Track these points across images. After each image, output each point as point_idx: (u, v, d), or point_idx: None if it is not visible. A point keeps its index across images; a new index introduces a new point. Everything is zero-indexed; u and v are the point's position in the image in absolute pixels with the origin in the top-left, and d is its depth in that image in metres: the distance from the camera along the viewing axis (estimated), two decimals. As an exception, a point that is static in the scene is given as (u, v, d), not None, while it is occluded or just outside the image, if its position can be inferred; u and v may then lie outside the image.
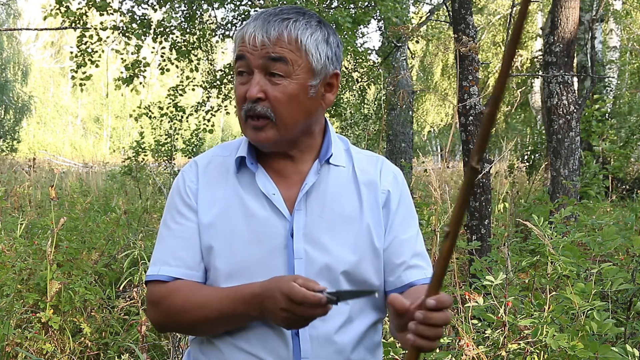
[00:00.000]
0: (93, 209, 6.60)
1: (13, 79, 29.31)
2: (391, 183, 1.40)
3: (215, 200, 1.33)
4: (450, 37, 15.52)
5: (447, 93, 20.54)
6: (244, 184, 1.34)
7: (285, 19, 1.26)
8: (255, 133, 1.29)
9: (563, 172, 5.36)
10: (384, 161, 1.45)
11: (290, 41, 1.25)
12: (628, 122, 11.11)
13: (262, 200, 1.31)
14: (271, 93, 1.26)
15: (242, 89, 1.28)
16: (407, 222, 1.40)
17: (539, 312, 2.53)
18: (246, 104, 1.27)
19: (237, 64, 1.28)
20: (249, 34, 1.26)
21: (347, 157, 1.41)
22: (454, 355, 2.55)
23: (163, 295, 1.30)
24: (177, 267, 1.31)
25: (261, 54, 1.25)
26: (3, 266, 3.60)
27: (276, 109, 1.26)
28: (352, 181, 1.38)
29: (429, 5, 11.13)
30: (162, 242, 1.35)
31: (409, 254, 1.37)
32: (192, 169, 1.39)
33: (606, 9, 11.57)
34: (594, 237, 2.96)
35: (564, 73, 5.31)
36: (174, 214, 1.35)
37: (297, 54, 1.26)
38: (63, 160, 22.29)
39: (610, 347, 2.13)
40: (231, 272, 1.28)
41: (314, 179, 1.34)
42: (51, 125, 40.51)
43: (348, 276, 1.31)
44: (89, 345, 3.48)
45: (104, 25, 7.87)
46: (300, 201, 1.32)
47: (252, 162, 1.34)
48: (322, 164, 1.35)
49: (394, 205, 1.38)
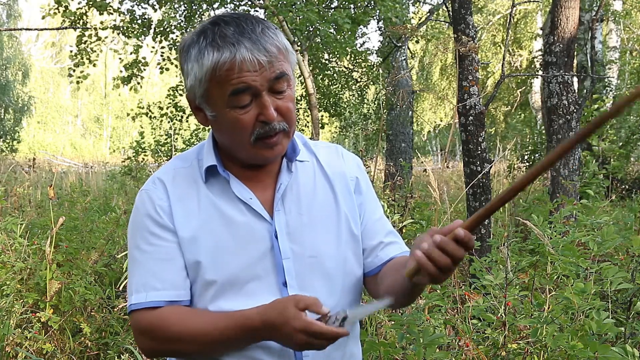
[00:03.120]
0: (92, 208, 6.60)
1: (13, 79, 29.30)
2: (356, 169, 1.44)
3: (191, 214, 1.29)
4: (450, 37, 15.52)
5: (447, 93, 20.53)
6: (217, 192, 1.31)
7: (265, 29, 1.22)
8: (272, 150, 1.26)
9: (563, 172, 5.36)
10: (342, 149, 1.47)
11: (280, 51, 1.23)
12: (628, 122, 11.10)
13: (240, 205, 1.30)
14: (282, 107, 1.24)
15: (247, 117, 1.22)
16: (375, 203, 1.45)
17: (538, 312, 2.53)
18: (257, 128, 1.23)
19: (238, 98, 1.20)
20: (248, 59, 1.18)
21: (308, 151, 1.42)
22: (454, 355, 2.55)
23: (154, 323, 1.25)
24: (164, 290, 1.26)
25: (266, 76, 1.20)
26: (3, 266, 3.60)
27: (288, 119, 1.26)
28: (321, 174, 1.39)
29: (428, 5, 11.13)
30: (140, 267, 1.28)
31: (383, 233, 1.42)
32: (157, 186, 1.32)
33: (606, 9, 11.57)
34: (594, 236, 2.96)
35: (564, 73, 5.31)
36: (147, 236, 1.29)
37: (288, 62, 1.25)
38: (63, 160, 22.28)
39: (610, 347, 2.12)
40: (223, 283, 1.27)
41: (288, 179, 1.34)
42: (51, 125, 40.51)
43: (335, 267, 1.33)
44: (89, 345, 3.48)
45: (104, 25, 7.88)
46: (277, 202, 1.32)
47: (223, 170, 1.31)
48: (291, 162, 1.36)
49: (364, 189, 1.42)
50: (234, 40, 1.19)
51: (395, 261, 1.38)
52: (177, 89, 9.60)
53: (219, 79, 1.20)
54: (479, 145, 4.29)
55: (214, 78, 1.20)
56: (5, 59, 28.75)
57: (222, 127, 1.26)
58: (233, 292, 1.26)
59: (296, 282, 1.28)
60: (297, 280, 1.28)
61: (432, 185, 3.93)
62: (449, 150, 12.20)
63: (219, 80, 1.20)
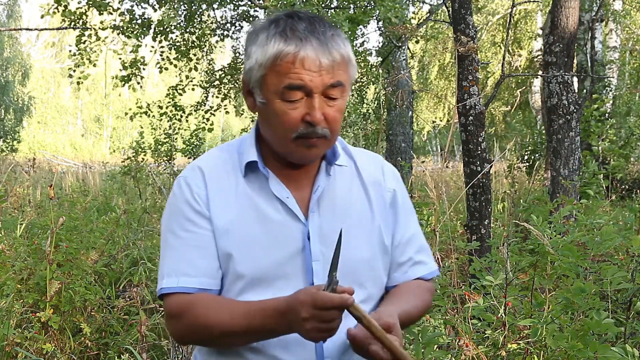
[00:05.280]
0: (92, 208, 6.60)
1: (13, 79, 29.29)
2: (395, 182, 1.44)
3: (228, 205, 1.31)
4: (449, 37, 15.52)
5: (445, 93, 20.52)
6: (254, 188, 1.32)
7: (335, 35, 1.23)
8: (309, 151, 1.27)
9: (563, 172, 5.36)
10: (383, 160, 1.48)
11: (342, 61, 1.24)
12: (627, 122, 11.10)
13: (276, 203, 1.31)
14: (330, 115, 1.25)
15: (295, 113, 1.23)
16: (411, 217, 1.45)
17: (538, 312, 2.53)
18: (301, 127, 1.24)
19: (291, 93, 1.22)
20: (311, 58, 1.20)
21: (347, 156, 1.42)
22: (454, 355, 2.55)
23: (183, 309, 1.27)
24: (196, 277, 1.28)
25: (323, 80, 1.21)
26: (3, 266, 3.60)
27: (332, 127, 1.27)
28: (358, 181, 1.40)
29: (428, 5, 11.13)
30: (174, 251, 1.30)
31: (413, 250, 1.43)
32: (196, 174, 1.34)
33: (606, 9, 11.57)
34: (593, 236, 2.96)
35: (564, 73, 5.31)
36: (183, 222, 1.31)
37: (347, 73, 1.26)
38: (63, 160, 22.28)
39: (610, 347, 2.13)
40: (252, 278, 1.28)
41: (325, 182, 1.34)
42: (51, 125, 40.49)
43: (365, 277, 1.34)
44: (89, 345, 3.48)
45: (104, 25, 7.87)
46: (313, 204, 1.32)
47: (263, 167, 1.32)
48: (330, 166, 1.36)
49: (400, 203, 1.43)
50: (302, 35, 1.21)
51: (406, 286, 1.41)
52: (176, 89, 9.58)
53: (278, 68, 1.21)
54: (479, 145, 4.29)
55: (274, 66, 1.22)
56: (5, 59, 28.75)
57: (267, 116, 1.28)
58: (261, 287, 1.28)
59: None
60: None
61: (428, 185, 3.93)
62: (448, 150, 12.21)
63: (278, 70, 1.22)
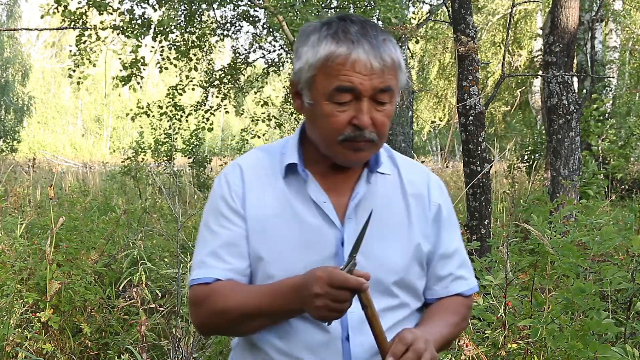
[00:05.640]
0: (92, 208, 6.60)
1: (13, 79, 29.30)
2: (440, 196, 1.41)
3: (264, 205, 1.31)
4: (449, 37, 15.51)
5: (445, 93, 20.52)
6: (293, 190, 1.32)
7: (387, 40, 1.23)
8: (355, 154, 1.26)
9: (563, 172, 5.36)
10: (430, 173, 1.44)
11: (393, 65, 1.23)
12: (627, 122, 11.10)
13: (312, 208, 1.30)
14: (378, 119, 1.24)
15: (343, 116, 1.23)
16: (455, 233, 1.43)
17: (538, 312, 2.53)
18: (348, 130, 1.23)
19: (340, 95, 1.21)
20: (363, 61, 1.19)
21: (391, 163, 1.40)
22: (454, 355, 2.55)
23: (204, 296, 1.29)
24: (222, 270, 1.30)
25: (373, 84, 1.21)
26: (3, 266, 3.60)
27: (380, 132, 1.26)
28: (400, 191, 1.37)
29: (428, 5, 11.13)
30: (207, 245, 1.33)
31: (455, 265, 1.41)
32: (235, 172, 1.36)
33: (606, 9, 11.56)
34: (593, 236, 2.96)
35: (564, 73, 5.31)
36: (218, 217, 1.33)
37: (397, 78, 1.25)
38: (63, 160, 22.29)
39: (610, 347, 2.13)
40: (280, 279, 1.27)
41: (365, 189, 1.33)
42: (51, 125, 40.49)
43: (397, 285, 1.32)
44: (89, 345, 3.48)
45: (104, 25, 7.87)
46: (350, 210, 1.31)
47: (303, 169, 1.32)
48: (372, 173, 1.34)
49: (444, 218, 1.40)
50: (354, 38, 1.20)
51: (448, 304, 1.39)
52: (176, 89, 9.58)
53: (328, 69, 1.21)
54: (479, 145, 4.29)
55: (324, 68, 1.22)
56: (5, 59, 28.75)
57: (315, 118, 1.27)
58: None
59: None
60: None
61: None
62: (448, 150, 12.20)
63: (328, 71, 1.21)
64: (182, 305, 3.33)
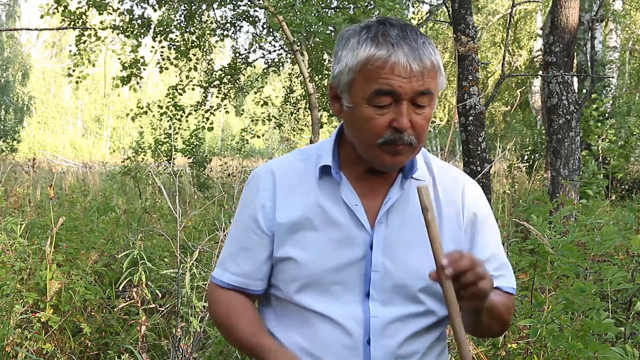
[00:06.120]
0: (92, 208, 6.60)
1: (13, 79, 29.31)
2: (476, 203, 1.39)
3: (295, 205, 1.32)
4: (449, 37, 15.52)
5: (445, 93, 20.52)
6: (326, 192, 1.32)
7: (427, 43, 1.22)
8: (394, 157, 1.25)
9: (563, 172, 5.36)
10: (466, 179, 1.43)
11: (432, 68, 1.22)
12: (627, 122, 11.10)
13: (344, 210, 1.31)
14: (417, 122, 1.23)
15: (382, 119, 1.22)
16: (491, 239, 1.40)
17: (538, 312, 2.53)
18: (388, 133, 1.23)
19: (380, 98, 1.21)
20: (402, 64, 1.19)
21: (428, 169, 1.39)
22: (454, 355, 2.55)
23: (214, 298, 1.42)
24: (236, 276, 1.38)
25: (412, 87, 1.20)
26: (3, 266, 3.60)
27: (419, 135, 1.25)
28: (433, 198, 1.36)
29: (428, 5, 11.13)
30: (230, 245, 1.41)
31: (492, 268, 1.37)
32: (267, 176, 1.36)
33: (606, 9, 11.57)
34: (593, 236, 2.96)
35: (564, 73, 5.31)
36: (244, 219, 1.38)
37: (436, 82, 1.25)
38: (63, 160, 22.29)
39: (610, 347, 2.12)
40: (307, 280, 1.29)
41: (398, 194, 1.32)
42: (51, 125, 40.49)
43: (423, 292, 1.31)
44: (89, 345, 3.48)
45: (104, 25, 7.88)
46: (382, 214, 1.31)
47: (337, 172, 1.32)
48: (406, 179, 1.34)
49: (479, 224, 1.38)
50: (394, 41, 1.20)
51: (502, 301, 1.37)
52: (176, 89, 9.59)
53: (368, 72, 1.21)
54: (479, 145, 4.29)
55: (364, 70, 1.21)
56: (5, 59, 28.76)
57: (354, 121, 1.27)
58: (316, 290, 1.29)
59: (379, 296, 1.28)
60: (381, 294, 1.28)
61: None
62: (449, 150, 12.22)
63: (368, 74, 1.21)
64: (182, 305, 3.33)
